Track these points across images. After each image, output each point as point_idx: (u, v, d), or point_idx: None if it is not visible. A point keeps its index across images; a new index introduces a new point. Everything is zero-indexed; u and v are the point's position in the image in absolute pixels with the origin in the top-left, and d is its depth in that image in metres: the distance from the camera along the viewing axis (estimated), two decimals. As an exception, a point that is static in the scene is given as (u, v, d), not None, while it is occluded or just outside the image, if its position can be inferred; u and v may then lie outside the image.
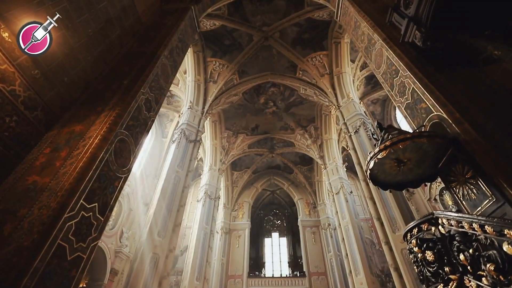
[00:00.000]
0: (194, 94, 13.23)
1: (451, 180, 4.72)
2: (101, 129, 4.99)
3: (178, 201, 10.46)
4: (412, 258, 4.15)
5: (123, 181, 5.31)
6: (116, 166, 5.08)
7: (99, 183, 4.62)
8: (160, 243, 9.37)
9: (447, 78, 5.31)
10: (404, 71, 5.93)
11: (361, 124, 11.54)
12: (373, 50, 7.23)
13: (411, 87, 5.75)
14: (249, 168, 19.97)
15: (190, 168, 11.34)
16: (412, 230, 4.12)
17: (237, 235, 18.52)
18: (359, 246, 12.46)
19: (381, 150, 4.75)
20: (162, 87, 7.05)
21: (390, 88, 6.56)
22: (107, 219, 4.81)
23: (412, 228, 4.10)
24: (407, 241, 4.26)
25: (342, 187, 14.38)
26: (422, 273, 3.87)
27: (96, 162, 4.58)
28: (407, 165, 5.09)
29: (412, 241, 4.07)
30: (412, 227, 4.10)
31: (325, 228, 17.76)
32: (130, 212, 14.13)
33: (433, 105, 5.09)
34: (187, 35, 8.59)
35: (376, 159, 4.84)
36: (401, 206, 9.46)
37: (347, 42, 13.08)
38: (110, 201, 4.91)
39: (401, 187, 5.54)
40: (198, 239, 13.17)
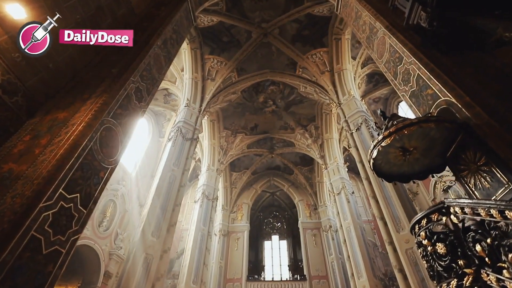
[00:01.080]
0: (191, 91, 12.94)
1: (461, 169, 4.38)
2: (86, 116, 4.68)
3: (173, 200, 10.11)
4: (420, 253, 3.78)
5: (110, 172, 4.98)
6: (101, 156, 4.76)
7: (81, 172, 4.30)
8: (154, 244, 9.00)
9: (455, 62, 5.00)
10: (408, 58, 5.64)
11: (362, 121, 11.21)
12: (375, 39, 6.96)
13: (416, 73, 5.44)
14: (248, 169, 19.60)
15: (186, 166, 11.01)
16: (421, 221, 3.75)
17: (235, 237, 18.06)
18: (362, 248, 12.03)
19: (385, 137, 4.42)
20: (155, 77, 6.76)
21: (393, 77, 6.27)
22: (90, 212, 4.47)
23: (420, 219, 3.74)
24: (415, 234, 3.89)
25: (343, 187, 13.99)
26: (432, 268, 3.50)
27: (79, 150, 4.26)
28: (413, 155, 4.75)
29: (421, 233, 3.70)
30: (421, 217, 3.74)
31: (326, 230, 17.31)
32: (125, 214, 13.76)
33: (440, 90, 4.78)
34: (182, 27, 8.32)
35: (380, 147, 4.51)
36: (405, 204, 9.08)
37: (347, 38, 12.82)
38: (95, 192, 4.58)
39: (407, 179, 5.18)
40: (195, 240, 12.77)
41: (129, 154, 14.64)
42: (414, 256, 8.19)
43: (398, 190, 9.39)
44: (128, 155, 14.48)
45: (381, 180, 9.96)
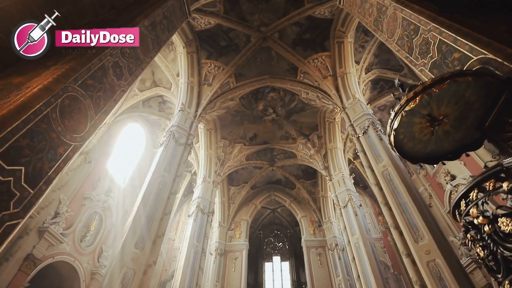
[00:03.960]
0: (186, 96, 12.27)
1: (507, 137, 3.49)
2: (45, 79, 3.87)
3: (162, 208, 9.06)
4: (471, 239, 2.78)
5: (73, 150, 4.09)
6: (62, 128, 3.89)
7: (30, 141, 3.41)
8: (137, 256, 7.87)
9: (483, 22, 4.28)
10: (426, 25, 4.94)
11: (369, 124, 10.40)
12: (384, 19, 6.33)
13: (436, 40, 4.71)
14: (247, 183, 18.48)
15: (178, 172, 10.05)
16: (469, 194, 2.80)
17: (233, 257, 16.58)
18: (373, 265, 10.73)
19: (410, 99, 3.59)
20: (139, 58, 6.05)
21: (408, 53, 5.55)
22: (40, 193, 3.53)
23: (468, 191, 2.79)
24: (460, 215, 2.92)
25: (350, 199, 12.89)
26: (494, 256, 2.51)
27: (29, 113, 3.41)
28: (442, 126, 3.89)
29: (471, 210, 2.74)
30: (469, 189, 2.80)
31: (332, 249, 15.88)
32: (112, 228, 12.60)
33: (471, 50, 4.02)
34: (174, 15, 7.77)
35: (403, 112, 3.66)
36: (423, 211, 8.01)
37: (350, 41, 12.34)
38: (49, 170, 3.66)
39: (435, 160, 4.26)
40: (188, 258, 11.50)
41: (119, 164, 13.74)
42: (438, 270, 7.03)
43: (414, 195, 8.37)
44: (117, 164, 13.56)
45: (394, 187, 9.05)
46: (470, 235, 2.77)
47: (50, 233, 9.60)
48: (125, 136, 14.37)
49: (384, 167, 9.19)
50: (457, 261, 7.20)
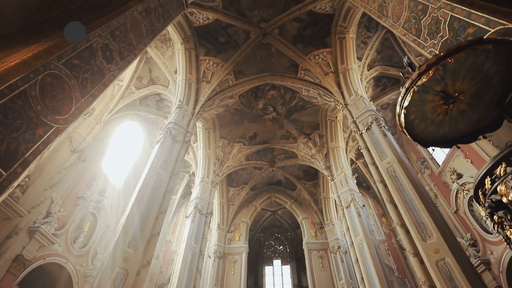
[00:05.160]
0: (184, 93, 11.98)
1: (531, 115, 3.16)
2: (24, 54, 3.57)
3: (157, 207, 8.68)
4: (498, 220, 2.43)
5: (55, 132, 3.76)
6: (42, 107, 3.58)
7: (3, 117, 3.09)
8: (130, 256, 7.48)
9: (497, -5, 3.99)
10: (435, 3, 4.65)
11: (373, 120, 10.08)
12: (389, 3, 6.05)
13: (448, 17, 4.41)
14: (246, 184, 18.06)
15: (175, 170, 9.71)
16: (495, 169, 2.46)
17: (232, 260, 16.08)
18: (377, 267, 10.29)
19: (422, 72, 3.24)
20: (132, 43, 5.76)
21: (416, 36, 5.27)
22: (14, 177, 3.20)
23: (495, 165, 2.45)
24: (485, 194, 2.57)
25: (353, 199, 12.49)
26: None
27: (2, 86, 3.10)
28: (458, 104, 3.55)
29: (499, 187, 2.39)
30: (494, 164, 2.45)
31: (334, 251, 15.40)
32: (107, 229, 12.20)
33: (487, 22, 3.71)
34: (170, 5, 7.51)
35: (415, 87, 3.32)
36: (430, 208, 7.63)
37: (352, 37, 12.09)
38: (26, 152, 3.34)
39: (448, 143, 3.93)
40: (185, 260, 11.08)
41: (115, 163, 13.40)
42: (448, 269, 6.62)
43: (420, 191, 7.99)
44: (113, 164, 13.22)
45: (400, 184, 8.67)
46: (497, 216, 2.42)
47: (41, 233, 9.22)
48: (122, 135, 14.07)
49: (389, 164, 8.84)
50: (468, 260, 6.80)
